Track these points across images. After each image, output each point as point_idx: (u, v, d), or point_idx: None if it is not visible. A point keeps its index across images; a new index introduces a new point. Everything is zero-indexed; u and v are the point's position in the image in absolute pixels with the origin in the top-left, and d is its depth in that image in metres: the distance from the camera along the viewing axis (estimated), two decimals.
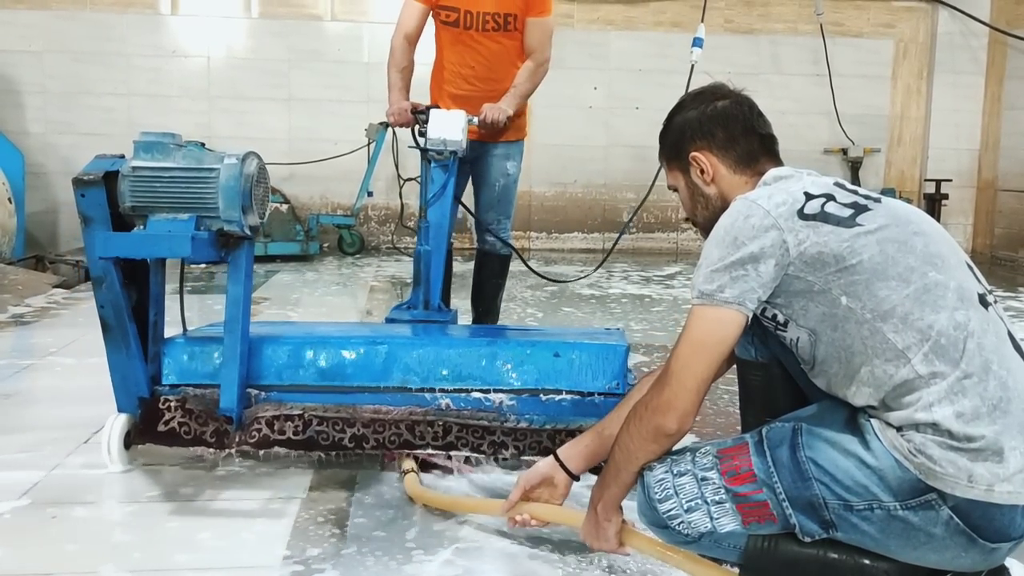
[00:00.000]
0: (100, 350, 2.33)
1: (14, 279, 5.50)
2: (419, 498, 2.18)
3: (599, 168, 8.15)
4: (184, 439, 2.34)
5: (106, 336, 2.30)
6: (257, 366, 2.39)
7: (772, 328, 1.60)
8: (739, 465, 1.54)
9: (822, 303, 1.51)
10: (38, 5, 7.43)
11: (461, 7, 3.33)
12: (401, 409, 2.36)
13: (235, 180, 2.19)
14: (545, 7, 3.36)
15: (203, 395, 2.36)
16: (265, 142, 7.20)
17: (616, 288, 6.08)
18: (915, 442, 1.42)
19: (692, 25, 8.05)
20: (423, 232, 3.13)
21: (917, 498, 1.42)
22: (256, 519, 2.12)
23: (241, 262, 2.31)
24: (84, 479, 2.33)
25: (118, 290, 2.22)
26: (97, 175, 2.20)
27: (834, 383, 1.55)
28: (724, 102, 1.72)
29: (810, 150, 8.14)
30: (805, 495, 1.48)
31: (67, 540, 1.99)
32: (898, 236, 1.52)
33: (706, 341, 1.53)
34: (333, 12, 7.76)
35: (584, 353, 2.43)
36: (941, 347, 1.44)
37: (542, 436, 2.36)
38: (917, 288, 1.47)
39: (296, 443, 2.33)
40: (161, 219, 2.21)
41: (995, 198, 8.33)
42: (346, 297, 5.60)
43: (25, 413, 2.94)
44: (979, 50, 8.28)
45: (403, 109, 3.23)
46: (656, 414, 1.55)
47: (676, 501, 1.57)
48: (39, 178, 7.44)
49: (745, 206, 1.55)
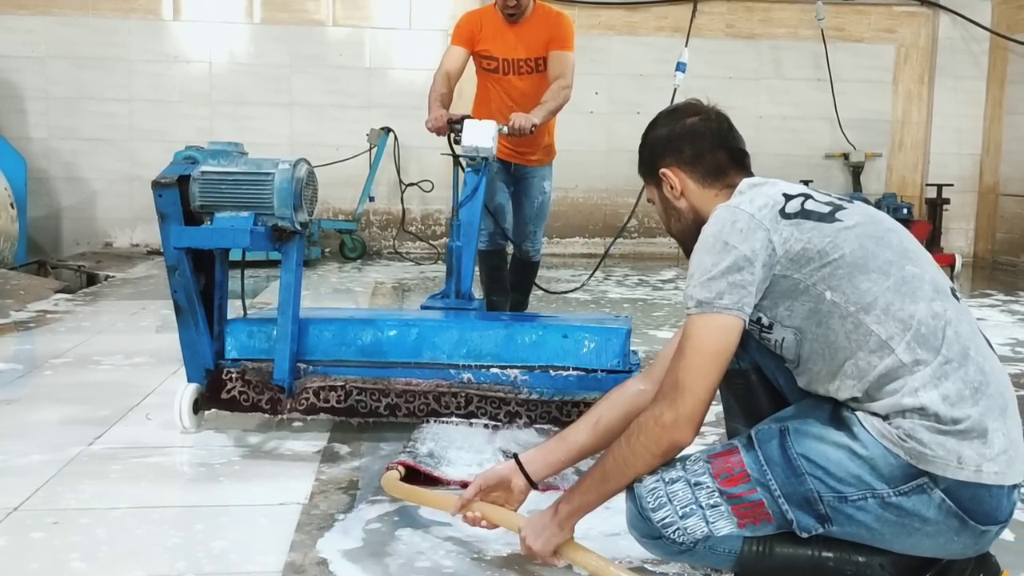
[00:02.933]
0: (103, 355, 2.61)
1: (16, 284, 5.79)
2: (388, 488, 2.33)
3: (600, 173, 8.54)
4: (243, 405, 2.88)
5: (178, 317, 2.85)
6: (305, 343, 2.95)
7: (756, 332, 1.73)
8: (731, 467, 1.65)
9: (807, 300, 1.64)
10: (41, 11, 7.94)
11: (499, 56, 4.14)
12: (429, 382, 2.91)
13: (288, 183, 2.74)
14: (565, 43, 4.10)
15: (260, 368, 2.92)
16: (267, 147, 7.64)
17: (612, 292, 6.53)
18: (904, 428, 1.55)
19: (694, 30, 8.52)
20: (455, 229, 3.70)
21: (909, 483, 1.55)
22: (255, 523, 2.25)
23: (292, 253, 2.87)
24: (86, 485, 2.46)
25: (189, 276, 2.77)
26: (172, 178, 2.74)
27: (816, 380, 1.69)
28: (694, 119, 1.87)
29: (811, 155, 8.64)
30: (800, 490, 1.60)
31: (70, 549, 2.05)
32: (875, 232, 1.69)
33: (714, 350, 1.64)
34: (335, 17, 8.27)
35: (589, 335, 2.99)
36: (922, 336, 1.58)
37: (551, 407, 2.91)
38: (896, 280, 1.63)
39: (339, 410, 2.88)
40: (225, 216, 2.76)
41: (997, 203, 8.82)
42: (348, 302, 5.93)
43: (27, 420, 3.07)
44: (980, 55, 8.80)
45: (440, 116, 3.83)
46: (672, 430, 1.64)
47: (670, 508, 1.66)
48: (41, 183, 7.95)
49: (729, 212, 1.70)
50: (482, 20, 4.17)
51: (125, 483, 2.50)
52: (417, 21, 8.24)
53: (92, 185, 8.13)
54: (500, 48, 4.13)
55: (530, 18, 4.12)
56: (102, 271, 6.86)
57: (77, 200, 8.16)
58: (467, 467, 2.54)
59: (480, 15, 4.22)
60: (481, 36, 4.14)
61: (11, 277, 5.99)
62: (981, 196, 8.98)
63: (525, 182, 4.36)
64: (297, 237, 2.86)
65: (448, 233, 3.90)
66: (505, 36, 4.12)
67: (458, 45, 4.16)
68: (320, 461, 2.71)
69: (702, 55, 8.43)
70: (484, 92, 4.27)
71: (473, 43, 4.15)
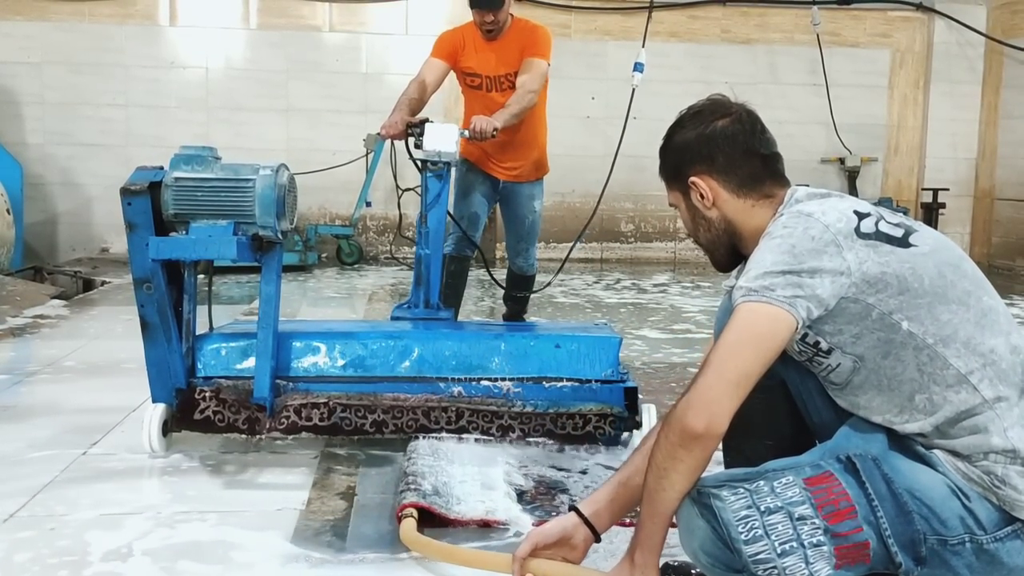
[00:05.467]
0: (100, 361, 2.53)
1: (12, 290, 5.69)
2: (414, 545, 2.00)
3: (597, 178, 8.29)
4: (218, 426, 2.69)
5: (145, 333, 2.63)
6: (285, 358, 2.76)
7: (810, 355, 1.57)
8: (836, 499, 1.44)
9: (879, 328, 1.49)
10: (37, 16, 7.80)
11: (482, 73, 4.02)
12: (418, 396, 2.73)
13: (270, 189, 2.55)
14: (536, 51, 3.94)
15: (235, 386, 2.71)
16: (263, 152, 7.53)
17: (599, 294, 6.44)
18: (996, 473, 1.44)
19: (689, 35, 8.48)
20: (424, 237, 3.50)
21: (1005, 528, 1.44)
22: (253, 530, 2.19)
23: (273, 264, 2.67)
24: (83, 491, 2.41)
25: (164, 290, 2.57)
26: (143, 185, 2.55)
27: (869, 407, 1.55)
28: (724, 121, 1.68)
29: (807, 159, 8.52)
30: (908, 531, 1.43)
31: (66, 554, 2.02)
32: (950, 259, 1.55)
33: (756, 332, 1.45)
34: (331, 23, 8.14)
35: (582, 344, 2.81)
36: (1002, 371, 1.48)
37: (545, 419, 2.73)
38: (976, 312, 1.51)
39: (322, 428, 2.69)
40: (202, 225, 2.56)
41: (992, 207, 8.70)
42: (345, 308, 5.85)
43: (23, 426, 3.00)
44: (976, 60, 8.67)
45: (396, 122, 3.63)
46: (685, 414, 1.44)
47: (767, 544, 1.41)
48: (38, 189, 7.81)
49: (802, 220, 1.54)
50: (464, 37, 4.05)
51: (121, 489, 2.46)
52: (413, 27, 8.14)
53: (88, 191, 7.95)
54: (482, 65, 4.02)
55: (507, 33, 3.99)
56: (98, 277, 6.75)
57: (73, 206, 8.00)
58: (480, 503, 2.27)
59: (462, 32, 4.09)
60: (464, 53, 4.03)
61: (7, 283, 5.90)
62: (977, 200, 8.86)
63: (514, 200, 4.24)
64: (278, 247, 2.67)
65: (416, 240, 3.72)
66: (485, 53, 4.01)
67: (439, 58, 4.03)
68: (318, 465, 2.62)
69: (697, 59, 8.41)
70: (471, 109, 4.12)
71: (456, 59, 4.03)
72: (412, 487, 2.27)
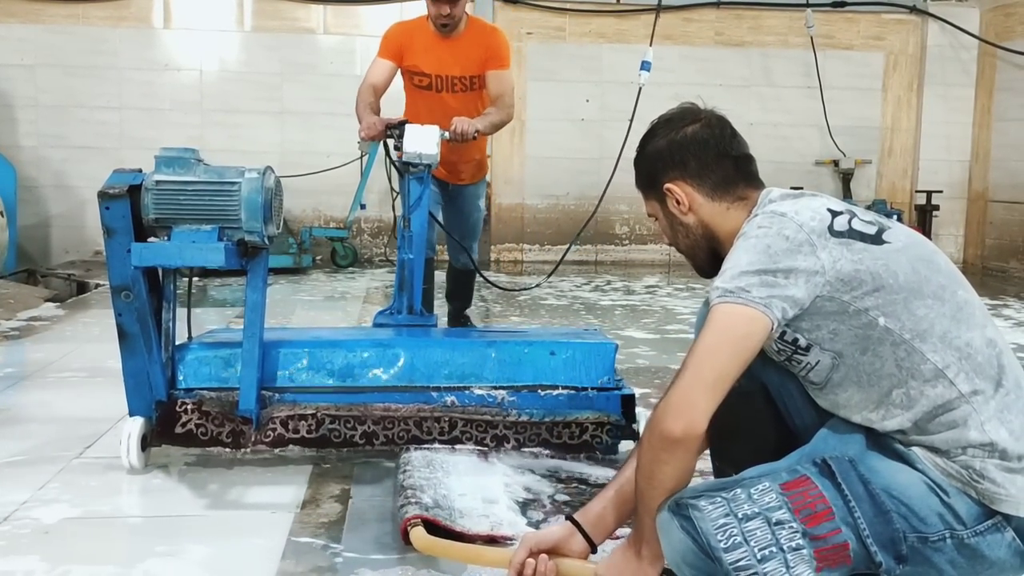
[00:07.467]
0: (93, 364, 2.46)
1: (5, 293, 5.65)
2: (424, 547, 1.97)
3: (592, 180, 8.29)
4: (201, 440, 2.55)
5: (123, 343, 2.48)
6: (271, 368, 2.62)
7: (789, 353, 1.56)
8: (812, 502, 1.42)
9: (855, 325, 1.48)
10: (31, 19, 7.66)
11: (432, 72, 3.81)
12: (410, 406, 2.60)
13: (257, 193, 2.41)
14: (502, 61, 3.81)
15: (218, 397, 2.57)
16: (258, 155, 7.41)
17: (588, 295, 6.33)
18: (975, 467, 1.43)
19: (684, 38, 8.37)
20: (406, 241, 3.37)
21: (984, 522, 1.43)
22: (246, 530, 2.17)
23: (259, 270, 2.54)
24: (77, 495, 2.38)
25: (145, 298, 2.43)
26: (122, 188, 2.39)
27: (848, 406, 1.53)
28: (694, 127, 1.68)
29: (801, 162, 8.40)
30: (887, 530, 1.41)
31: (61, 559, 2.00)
32: (923, 254, 1.54)
33: (732, 334, 1.44)
34: (326, 25, 8.02)
35: (577, 351, 2.68)
36: (978, 364, 1.47)
37: (541, 429, 2.61)
38: (951, 306, 1.50)
39: (310, 441, 2.56)
40: (185, 230, 2.42)
41: (986, 209, 8.60)
42: (339, 311, 5.76)
43: (16, 429, 2.97)
44: (969, 62, 8.58)
45: (375, 123, 3.49)
46: (661, 419, 1.44)
47: (747, 550, 1.39)
48: (31, 192, 7.67)
49: (775, 219, 1.53)
50: (412, 33, 3.84)
51: (115, 493, 2.43)
52: None
53: (82, 193, 7.77)
54: (432, 64, 3.81)
55: (464, 33, 3.81)
56: (92, 279, 6.63)
57: (67, 208, 7.84)
58: (484, 517, 2.18)
59: (410, 28, 3.89)
60: (411, 50, 3.81)
61: (0, 286, 5.87)
62: (970, 203, 8.77)
63: (460, 200, 4.16)
64: (263, 252, 2.53)
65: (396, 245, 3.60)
66: (437, 51, 3.79)
67: (385, 58, 3.82)
68: (312, 468, 2.58)
69: (692, 63, 8.30)
70: (414, 108, 3.89)
71: (401, 57, 3.82)
72: (412, 500, 2.15)
